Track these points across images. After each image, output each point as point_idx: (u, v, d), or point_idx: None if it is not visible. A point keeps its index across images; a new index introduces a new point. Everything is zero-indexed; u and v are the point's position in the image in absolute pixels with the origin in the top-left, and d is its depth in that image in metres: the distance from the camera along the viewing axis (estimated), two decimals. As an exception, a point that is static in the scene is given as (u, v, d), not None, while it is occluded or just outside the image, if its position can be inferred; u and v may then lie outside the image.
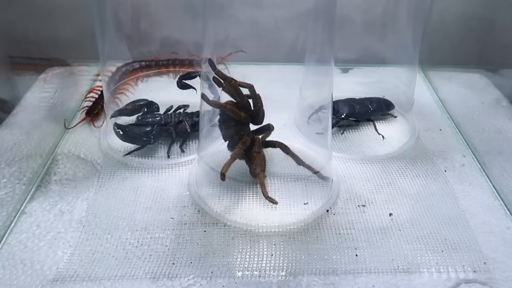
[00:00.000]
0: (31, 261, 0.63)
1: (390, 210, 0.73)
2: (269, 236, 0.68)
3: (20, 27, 1.01)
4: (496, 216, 0.72)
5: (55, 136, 0.87)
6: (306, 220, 0.70)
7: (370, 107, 0.93)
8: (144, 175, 0.79)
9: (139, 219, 0.70)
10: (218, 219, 0.70)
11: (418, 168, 0.82)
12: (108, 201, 0.74)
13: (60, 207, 0.72)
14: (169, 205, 0.73)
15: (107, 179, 0.78)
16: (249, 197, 0.74)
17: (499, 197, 0.76)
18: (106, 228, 0.69)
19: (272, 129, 0.77)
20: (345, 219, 0.71)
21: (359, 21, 1.05)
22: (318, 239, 0.67)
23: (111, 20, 0.89)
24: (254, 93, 0.71)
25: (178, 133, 0.85)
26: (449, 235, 0.68)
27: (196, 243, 0.67)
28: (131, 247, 0.66)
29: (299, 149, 0.78)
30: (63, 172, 0.80)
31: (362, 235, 0.68)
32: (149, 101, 0.89)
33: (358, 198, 0.75)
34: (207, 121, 0.78)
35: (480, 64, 1.11)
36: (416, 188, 0.77)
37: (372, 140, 0.89)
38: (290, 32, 0.99)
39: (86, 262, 0.63)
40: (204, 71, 0.74)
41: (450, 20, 1.11)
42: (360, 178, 0.79)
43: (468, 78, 1.09)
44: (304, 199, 0.73)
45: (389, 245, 0.67)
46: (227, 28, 0.92)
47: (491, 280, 0.62)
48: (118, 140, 0.83)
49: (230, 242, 0.67)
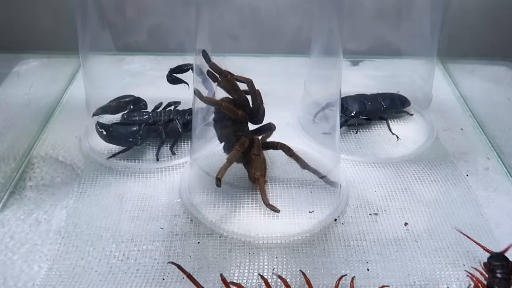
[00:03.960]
0: (4, 277, 0.64)
1: (406, 219, 0.74)
2: (270, 249, 0.68)
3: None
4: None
5: (30, 136, 0.88)
6: (312, 230, 0.71)
7: (383, 104, 0.94)
8: (130, 180, 0.80)
9: (125, 229, 0.71)
10: (213, 229, 0.71)
11: (437, 172, 0.83)
12: (90, 209, 0.74)
13: (36, 216, 0.73)
14: (158, 214, 0.74)
15: (88, 185, 0.79)
16: (247, 204, 0.75)
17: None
18: (87, 240, 0.69)
19: (274, 129, 0.78)
20: (355, 229, 0.72)
21: (370, 7, 1.06)
22: (325, 252, 0.68)
23: (93, 6, 0.89)
24: (253, 88, 0.72)
25: (168, 133, 0.86)
26: (471, 247, 0.69)
27: (189, 256, 0.67)
28: (116, 260, 0.67)
29: (304, 151, 0.79)
30: (40, 177, 0.81)
31: (374, 247, 0.69)
32: (136, 98, 0.91)
33: (369, 205, 0.76)
34: (201, 120, 0.79)
35: (507, 55, 1.12)
36: (435, 195, 0.78)
37: (385, 140, 0.90)
38: (293, 20, 0.99)
39: (66, 278, 0.64)
40: (198, 64, 0.74)
41: (472, 7, 1.12)
42: (372, 184, 0.80)
43: (493, 71, 1.10)
44: (309, 207, 0.74)
45: (404, 259, 0.68)
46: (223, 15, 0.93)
47: (517, 297, 0.63)
48: (101, 141, 0.84)
49: (227, 255, 0.67)
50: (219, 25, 0.88)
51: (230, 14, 0.96)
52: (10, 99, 0.97)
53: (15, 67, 1.04)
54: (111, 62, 1.03)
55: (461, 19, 1.10)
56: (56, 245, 0.69)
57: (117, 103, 0.89)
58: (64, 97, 1.02)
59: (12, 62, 1.05)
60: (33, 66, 1.07)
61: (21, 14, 1.07)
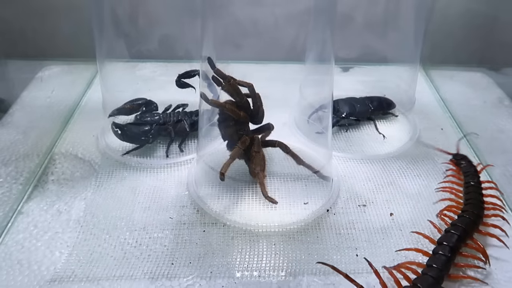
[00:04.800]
0: (29, 262, 0.64)
1: (391, 210, 0.73)
2: (268, 236, 0.68)
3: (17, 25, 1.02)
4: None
5: (52, 135, 0.88)
6: (306, 220, 0.71)
7: (370, 106, 0.93)
8: (143, 175, 0.79)
9: (138, 219, 0.71)
10: (218, 219, 0.71)
11: (419, 168, 0.82)
12: (106, 201, 0.74)
13: (58, 207, 0.73)
14: (168, 205, 0.73)
15: (105, 179, 0.78)
16: (248, 197, 0.74)
17: (501, 196, 0.76)
18: (104, 228, 0.69)
19: (272, 129, 0.77)
20: (345, 219, 0.71)
21: (360, 19, 1.06)
22: (318, 239, 0.68)
23: (109, 18, 0.89)
24: (253, 92, 0.72)
25: (177, 133, 0.85)
26: (450, 235, 0.69)
27: (195, 243, 0.67)
28: (130, 247, 0.66)
29: (299, 149, 0.78)
30: (61, 171, 0.80)
31: (362, 235, 0.69)
32: (148, 100, 0.90)
33: (358, 197, 0.76)
34: (206, 120, 0.79)
35: (483, 62, 1.12)
36: (417, 188, 0.78)
37: (373, 139, 0.90)
38: (290, 30, 0.99)
39: (84, 263, 0.64)
40: (203, 70, 0.74)
41: (453, 18, 1.11)
42: (360, 178, 0.80)
43: (470, 77, 1.10)
44: (304, 199, 0.74)
45: (389, 245, 0.67)
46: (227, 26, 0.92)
47: (493, 280, 0.62)
48: (116, 140, 0.83)
49: (230, 242, 0.67)
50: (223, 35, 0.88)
51: (233, 25, 0.96)
52: (34, 101, 0.96)
53: (39, 72, 1.04)
54: (125, 69, 1.02)
55: (442, 29, 1.10)
56: (76, 233, 0.68)
57: (130, 105, 0.88)
58: (83, 100, 1.01)
59: (36, 68, 1.05)
60: (55, 72, 1.07)
61: (44, 25, 1.07)
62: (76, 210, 0.72)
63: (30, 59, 1.07)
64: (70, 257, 0.65)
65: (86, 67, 1.09)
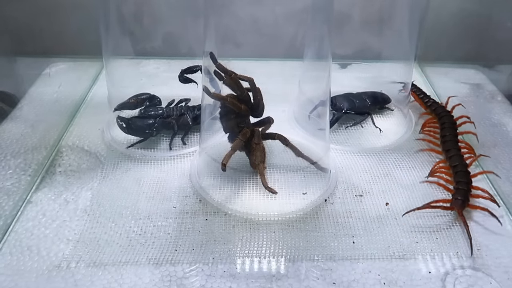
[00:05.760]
0: (38, 248, 0.65)
1: (387, 200, 0.74)
2: (268, 225, 0.69)
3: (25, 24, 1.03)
4: (489, 205, 0.73)
5: (59, 129, 0.89)
6: (305, 209, 0.72)
7: (368, 102, 0.94)
8: (147, 166, 0.81)
9: (142, 208, 0.72)
10: (219, 208, 0.72)
11: (414, 160, 0.83)
12: (112, 191, 0.75)
13: (65, 197, 0.74)
14: (171, 195, 0.75)
15: (110, 170, 0.80)
16: (249, 187, 0.75)
17: (493, 187, 0.78)
18: (110, 217, 0.70)
19: (272, 122, 0.78)
20: (342, 208, 0.73)
21: (357, 18, 1.07)
22: (317, 227, 0.69)
23: (115, 17, 0.90)
24: (254, 86, 0.73)
25: (180, 126, 0.87)
26: (443, 223, 0.70)
27: (198, 231, 0.68)
28: (135, 234, 0.68)
29: (298, 142, 0.79)
30: (68, 163, 0.81)
31: (359, 224, 0.70)
32: (152, 95, 0.91)
33: (355, 188, 0.77)
34: (208, 114, 0.80)
35: (476, 60, 1.12)
36: (412, 179, 0.79)
37: (370, 133, 0.91)
38: (289, 28, 1.00)
39: (91, 249, 0.65)
40: (205, 66, 0.75)
41: (447, 17, 1.12)
42: (357, 169, 0.81)
43: (464, 74, 1.11)
44: (302, 189, 0.75)
45: (385, 233, 0.68)
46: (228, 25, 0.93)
47: (484, 266, 0.64)
48: (121, 133, 0.84)
49: (231, 230, 0.68)
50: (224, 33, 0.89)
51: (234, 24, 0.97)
52: (42, 97, 0.97)
53: (46, 69, 1.05)
54: (130, 65, 1.03)
55: (437, 28, 1.11)
56: (83, 222, 0.69)
57: (135, 100, 0.89)
58: (88, 95, 1.02)
59: (43, 65, 1.06)
60: (61, 69, 1.07)
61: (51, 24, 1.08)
62: (83, 200, 0.73)
63: (38, 56, 1.08)
64: (78, 243, 0.66)
65: (92, 64, 1.10)
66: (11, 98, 0.94)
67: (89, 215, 0.71)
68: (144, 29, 1.02)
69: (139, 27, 1.00)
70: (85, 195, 0.74)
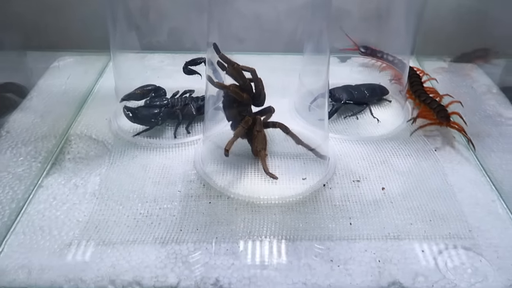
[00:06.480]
0: (49, 228, 0.68)
1: (383, 185, 0.77)
2: (269, 207, 0.72)
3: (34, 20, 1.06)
4: (482, 191, 0.77)
5: (68, 118, 0.92)
6: (304, 193, 0.75)
7: (366, 93, 0.97)
8: (153, 154, 0.84)
9: (149, 192, 0.75)
10: (222, 192, 0.75)
11: (410, 148, 0.86)
12: (119, 176, 0.78)
13: (75, 182, 0.77)
14: (176, 180, 0.77)
15: (118, 157, 0.83)
16: (251, 173, 0.78)
17: (486, 174, 0.81)
18: (118, 200, 0.73)
19: (273, 111, 0.81)
20: (340, 193, 0.75)
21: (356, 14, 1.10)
22: (315, 210, 0.72)
23: (122, 12, 0.93)
24: (255, 76, 0.76)
25: (184, 116, 0.89)
26: (437, 207, 0.73)
27: (202, 213, 0.71)
28: (142, 216, 0.71)
29: (298, 131, 0.82)
30: (76, 151, 0.84)
31: (356, 207, 0.73)
32: (157, 86, 0.94)
33: (353, 174, 0.79)
34: (212, 105, 0.83)
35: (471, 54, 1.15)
36: (408, 166, 0.82)
37: (368, 123, 0.94)
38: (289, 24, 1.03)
39: (100, 229, 0.68)
40: (209, 57, 0.78)
41: (445, 13, 1.15)
42: (355, 157, 0.84)
43: (461, 67, 1.13)
44: (302, 175, 0.78)
45: (381, 216, 0.71)
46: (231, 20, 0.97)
47: (474, 245, 0.67)
48: (128, 122, 0.87)
49: (234, 212, 0.71)
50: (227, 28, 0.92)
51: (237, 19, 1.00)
52: (50, 88, 1.00)
53: (54, 62, 1.09)
54: (136, 59, 1.06)
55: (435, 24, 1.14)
56: (92, 204, 0.73)
57: (141, 91, 0.92)
58: (95, 87, 1.05)
59: (51, 58, 1.09)
60: (69, 62, 1.11)
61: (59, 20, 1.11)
62: (91, 184, 0.77)
63: (46, 50, 1.12)
64: (87, 224, 0.69)
65: (98, 58, 1.13)
66: (21, 89, 0.98)
67: (98, 198, 0.74)
68: (150, 24, 1.05)
69: (145, 22, 1.04)
70: (93, 180, 0.77)
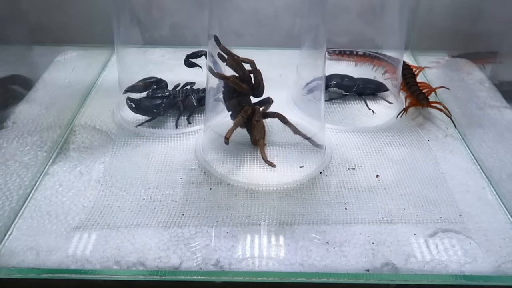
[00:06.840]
0: (56, 213, 0.71)
1: (377, 173, 0.80)
2: (268, 194, 0.75)
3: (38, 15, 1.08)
4: (473, 178, 0.80)
5: (72, 110, 0.95)
6: (301, 180, 0.77)
7: (359, 84, 1.00)
8: (155, 143, 0.86)
9: (151, 179, 0.78)
10: (222, 179, 0.77)
11: (404, 138, 0.89)
12: (123, 164, 0.81)
13: (80, 169, 0.80)
14: (178, 168, 0.80)
15: (121, 146, 0.85)
16: (250, 161, 0.81)
17: (477, 163, 0.83)
18: (121, 187, 0.76)
19: (271, 102, 0.84)
20: (336, 180, 0.78)
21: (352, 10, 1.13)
22: (312, 196, 0.75)
23: (125, 8, 0.96)
24: (254, 67, 0.78)
25: (186, 107, 0.92)
26: (429, 193, 0.76)
27: (203, 198, 0.74)
28: (145, 202, 0.73)
29: (296, 121, 0.84)
30: (81, 141, 0.87)
31: (351, 193, 0.76)
32: (159, 79, 0.97)
33: (348, 162, 0.82)
34: (212, 96, 0.85)
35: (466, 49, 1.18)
36: (402, 155, 0.84)
37: (363, 114, 0.97)
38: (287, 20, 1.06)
39: (105, 214, 0.71)
40: (209, 51, 0.81)
41: (439, 9, 1.18)
42: (351, 146, 0.86)
43: (455, 62, 1.16)
44: (300, 163, 0.80)
45: (375, 201, 0.74)
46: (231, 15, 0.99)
47: (465, 229, 0.70)
48: (131, 113, 0.90)
49: (233, 198, 0.74)
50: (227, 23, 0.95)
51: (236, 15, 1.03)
52: (55, 81, 1.03)
53: (58, 56, 1.11)
54: (138, 53, 1.09)
55: (429, 19, 1.17)
56: (96, 191, 0.75)
57: (143, 83, 0.95)
58: (99, 80, 1.08)
59: (56, 52, 1.11)
60: (73, 56, 1.13)
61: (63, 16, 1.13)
62: (96, 172, 0.79)
63: (50, 45, 1.14)
64: (93, 209, 0.72)
65: (101, 51, 1.16)
66: (27, 81, 1.00)
67: (102, 185, 0.76)
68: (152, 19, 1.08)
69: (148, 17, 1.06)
70: (98, 168, 0.80)
